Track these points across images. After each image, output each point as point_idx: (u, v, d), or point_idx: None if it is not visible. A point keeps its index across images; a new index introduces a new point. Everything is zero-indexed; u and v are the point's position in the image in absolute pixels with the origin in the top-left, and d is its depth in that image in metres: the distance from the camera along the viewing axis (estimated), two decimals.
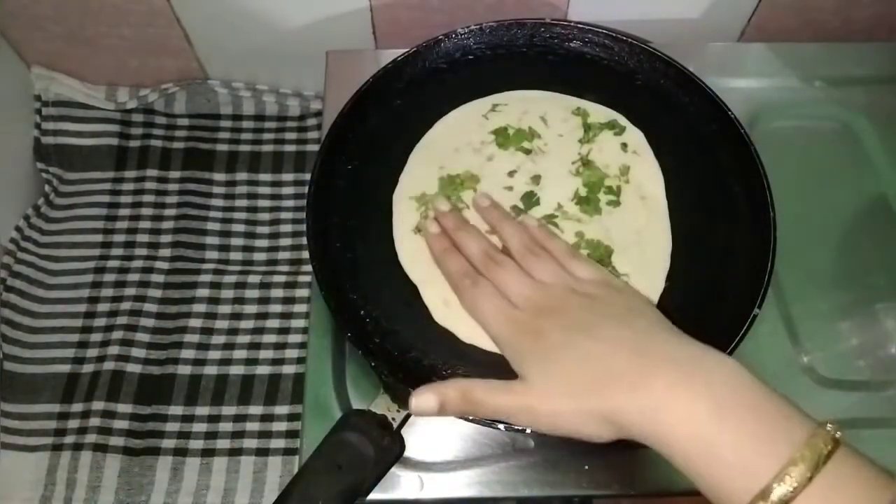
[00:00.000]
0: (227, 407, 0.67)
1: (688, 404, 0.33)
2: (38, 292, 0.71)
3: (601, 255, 0.49)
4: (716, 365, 0.34)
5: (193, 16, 0.69)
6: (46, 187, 0.76)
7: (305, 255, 0.73)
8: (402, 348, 0.47)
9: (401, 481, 0.46)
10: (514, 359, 0.40)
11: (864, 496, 0.29)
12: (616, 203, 0.51)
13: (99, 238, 0.74)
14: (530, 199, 0.51)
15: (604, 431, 0.36)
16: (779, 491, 0.29)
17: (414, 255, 0.50)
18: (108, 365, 0.67)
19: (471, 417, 0.41)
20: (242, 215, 0.75)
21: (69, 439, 0.65)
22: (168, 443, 0.65)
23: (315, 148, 0.78)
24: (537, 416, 0.38)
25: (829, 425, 0.31)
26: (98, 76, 0.77)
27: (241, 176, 0.77)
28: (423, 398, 0.39)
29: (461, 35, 0.57)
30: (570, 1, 0.67)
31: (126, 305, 0.70)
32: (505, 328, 0.42)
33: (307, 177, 0.74)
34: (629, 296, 0.43)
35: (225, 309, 0.71)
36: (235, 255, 0.74)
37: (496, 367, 0.45)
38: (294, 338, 0.70)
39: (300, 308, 0.71)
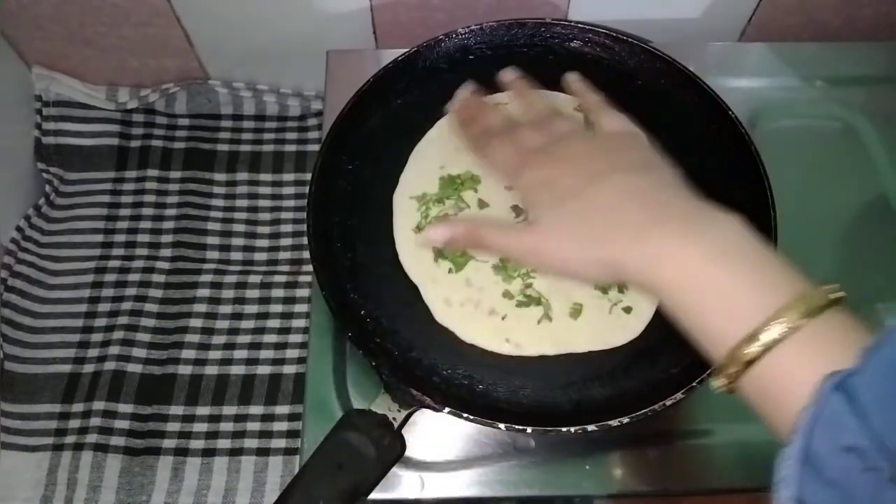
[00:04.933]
0: (227, 407, 0.67)
1: (684, 251, 0.34)
2: (39, 292, 0.71)
3: None
4: (721, 219, 0.35)
5: (194, 16, 0.69)
6: (47, 187, 0.76)
7: (306, 255, 0.73)
8: (403, 348, 0.47)
9: (402, 481, 0.46)
10: (529, 201, 0.42)
11: (844, 342, 0.29)
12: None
13: (100, 238, 0.74)
14: None
15: (604, 276, 0.38)
16: (767, 334, 0.30)
17: (414, 254, 0.50)
18: (109, 365, 0.67)
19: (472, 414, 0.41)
20: (243, 215, 0.75)
21: (70, 439, 0.65)
22: (169, 443, 0.65)
23: (315, 148, 0.78)
24: (543, 257, 0.39)
25: (829, 286, 0.31)
26: (98, 76, 0.77)
27: (242, 176, 0.77)
28: (436, 230, 0.43)
29: (461, 35, 0.57)
30: (571, 1, 0.67)
31: (127, 305, 0.70)
32: (520, 170, 0.42)
33: (308, 177, 0.74)
34: (647, 150, 0.43)
35: (225, 309, 0.71)
36: (236, 255, 0.74)
37: (497, 367, 0.45)
38: (295, 338, 0.70)
39: (301, 308, 0.71)
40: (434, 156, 0.54)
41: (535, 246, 0.40)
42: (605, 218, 0.37)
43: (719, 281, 0.33)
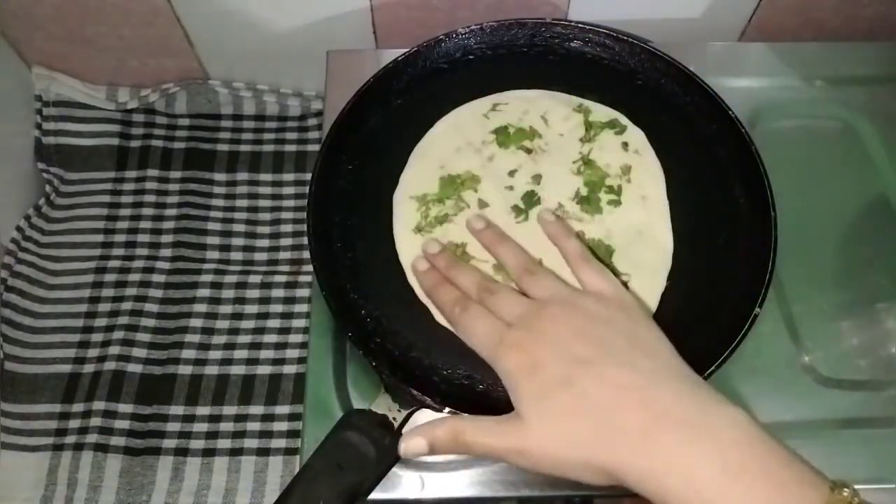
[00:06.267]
0: (227, 407, 0.67)
1: (694, 466, 0.31)
2: (39, 292, 0.71)
3: (602, 255, 0.49)
4: (725, 421, 0.33)
5: (194, 16, 0.69)
6: (47, 187, 0.76)
7: (306, 254, 0.73)
8: (403, 348, 0.47)
9: (402, 481, 0.46)
10: (510, 388, 0.38)
11: None
12: (617, 202, 0.51)
13: (100, 238, 0.74)
14: (531, 199, 0.51)
15: (602, 480, 0.35)
16: None
17: (414, 255, 0.50)
18: (109, 365, 0.67)
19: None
20: (243, 215, 0.75)
21: (70, 439, 0.65)
22: (169, 443, 0.65)
23: (316, 148, 0.78)
24: (531, 459, 0.36)
25: (845, 490, 0.29)
26: (99, 76, 0.77)
27: (242, 176, 0.77)
28: (412, 442, 0.38)
29: (462, 35, 0.57)
30: (571, 1, 0.67)
31: (127, 305, 0.70)
32: (498, 350, 0.39)
33: (308, 177, 0.74)
34: (636, 318, 0.40)
35: (226, 309, 0.71)
36: (236, 255, 0.74)
37: None
38: (295, 337, 0.70)
39: (301, 308, 0.71)
40: (434, 156, 0.54)
41: (522, 446, 0.36)
42: (600, 418, 0.34)
43: (734, 496, 0.30)
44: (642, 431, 0.33)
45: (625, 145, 0.54)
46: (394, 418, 0.43)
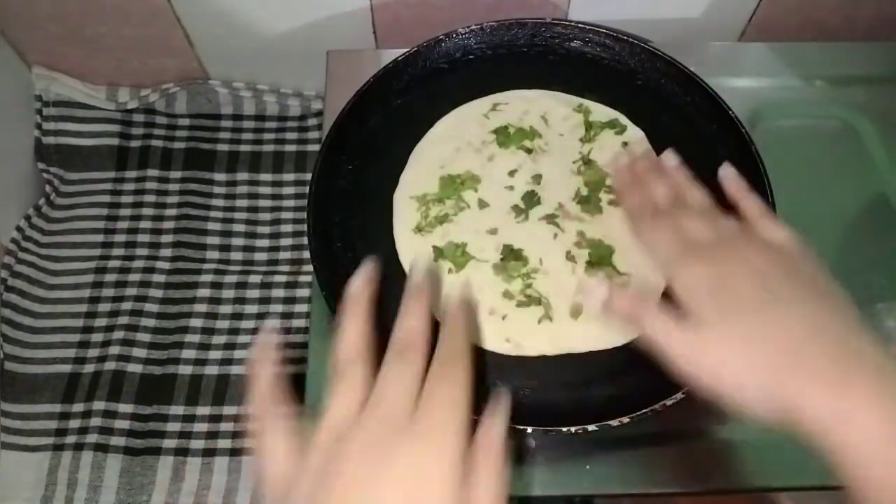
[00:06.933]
0: (227, 407, 0.67)
1: (886, 423, 0.30)
2: (39, 292, 0.71)
3: (602, 255, 0.49)
4: None
5: (194, 16, 0.69)
6: (47, 187, 0.76)
7: (306, 254, 0.73)
8: None
9: None
10: (690, 299, 0.36)
11: None
12: (617, 202, 0.51)
13: (100, 238, 0.74)
14: (531, 199, 0.51)
15: (769, 414, 0.32)
16: None
17: (414, 255, 0.50)
18: (110, 365, 0.67)
19: None
20: (243, 215, 0.75)
21: (70, 439, 0.65)
22: (169, 443, 0.65)
23: (316, 148, 0.78)
24: (706, 364, 0.34)
25: None
26: (99, 76, 0.77)
27: (242, 176, 0.77)
28: (597, 290, 0.39)
29: (462, 35, 0.57)
30: (571, 1, 0.67)
31: (127, 305, 0.70)
32: (682, 258, 0.38)
33: (308, 177, 0.74)
34: (822, 273, 0.38)
35: (226, 309, 0.71)
36: (236, 255, 0.74)
37: (497, 367, 0.45)
38: (295, 337, 0.70)
39: (301, 308, 0.71)
40: (434, 156, 0.54)
41: (700, 347, 0.34)
42: (789, 349, 0.32)
43: None
44: (837, 376, 0.31)
45: (625, 145, 0.54)
46: None
